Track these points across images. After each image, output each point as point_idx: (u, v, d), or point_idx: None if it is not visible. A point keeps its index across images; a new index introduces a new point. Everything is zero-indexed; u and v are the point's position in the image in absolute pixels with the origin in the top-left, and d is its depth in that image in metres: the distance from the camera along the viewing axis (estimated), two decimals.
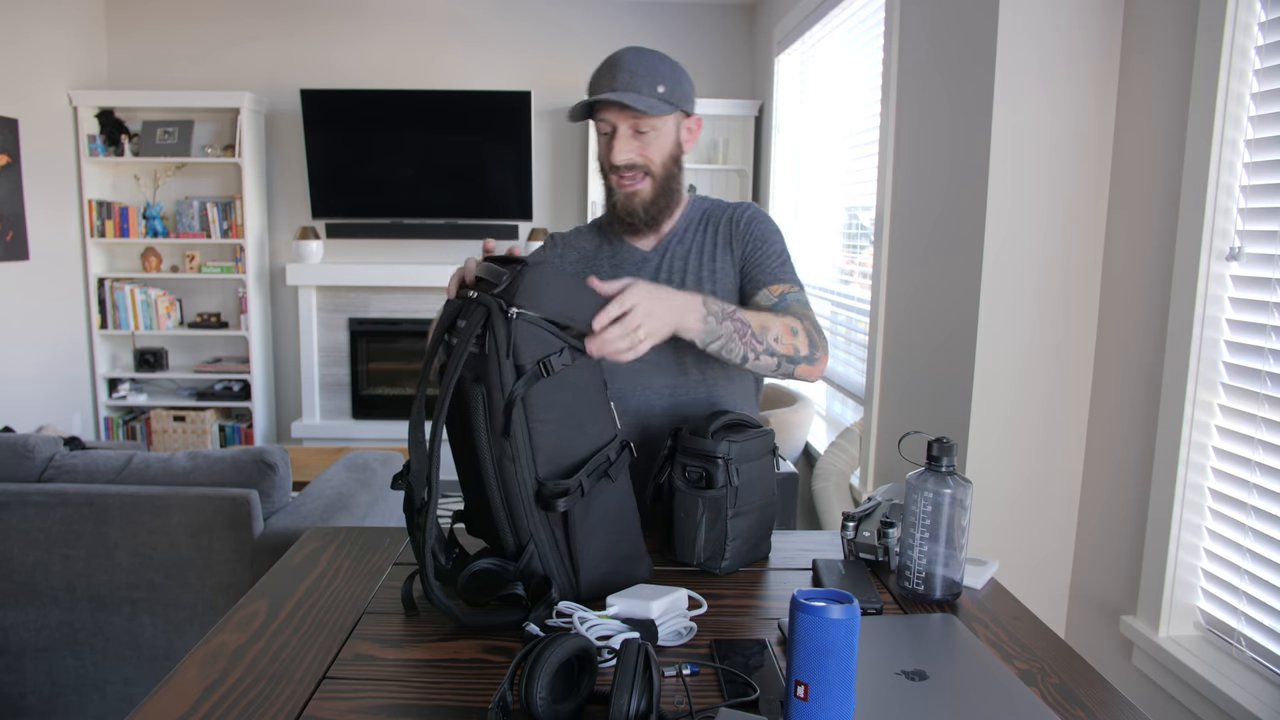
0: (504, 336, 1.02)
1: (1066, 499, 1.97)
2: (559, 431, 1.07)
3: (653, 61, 1.34)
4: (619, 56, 1.35)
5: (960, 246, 2.05)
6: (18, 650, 2.16)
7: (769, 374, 1.34)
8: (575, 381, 1.08)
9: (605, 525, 1.11)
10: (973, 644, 1.00)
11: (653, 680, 0.80)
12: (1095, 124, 1.87)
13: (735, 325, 1.25)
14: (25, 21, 4.27)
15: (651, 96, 1.32)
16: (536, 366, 1.03)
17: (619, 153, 1.35)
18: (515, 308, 1.02)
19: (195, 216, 4.89)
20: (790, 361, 1.32)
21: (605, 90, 1.33)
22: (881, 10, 2.75)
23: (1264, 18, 1.49)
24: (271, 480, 2.17)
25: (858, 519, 1.26)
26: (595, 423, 1.11)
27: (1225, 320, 1.57)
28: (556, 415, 1.06)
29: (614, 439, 1.12)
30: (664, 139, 1.37)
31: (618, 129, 1.35)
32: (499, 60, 5.01)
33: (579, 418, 1.09)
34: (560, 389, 1.06)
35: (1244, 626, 1.53)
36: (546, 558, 1.08)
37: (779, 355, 1.30)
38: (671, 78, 1.35)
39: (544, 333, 1.05)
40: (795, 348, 1.32)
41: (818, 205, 3.89)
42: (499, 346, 1.02)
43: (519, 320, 1.03)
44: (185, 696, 0.90)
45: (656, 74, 1.33)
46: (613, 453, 1.11)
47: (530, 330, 1.04)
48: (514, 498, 1.06)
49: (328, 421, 5.12)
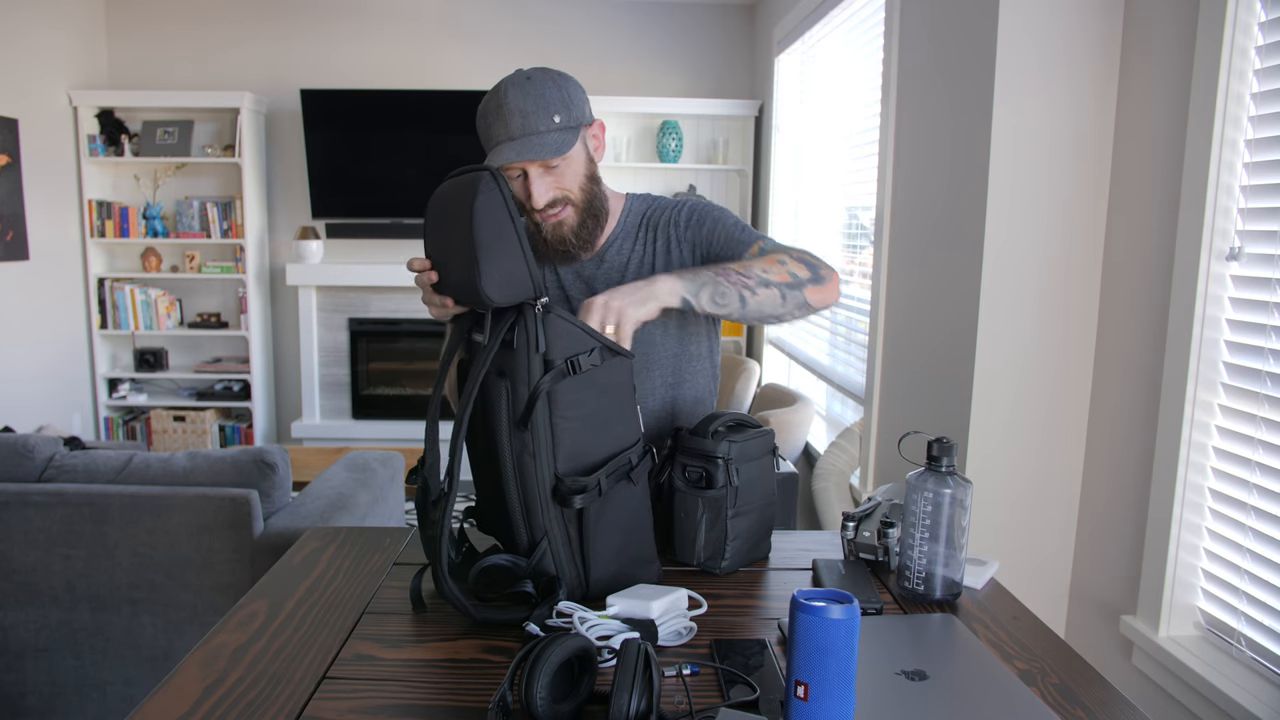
0: (534, 330, 1.03)
1: (1066, 499, 1.97)
2: (583, 429, 1.07)
3: (539, 91, 1.26)
4: (503, 100, 1.26)
5: (960, 247, 2.05)
6: (18, 650, 2.16)
7: (780, 312, 1.27)
8: (604, 382, 1.08)
9: (619, 526, 1.11)
10: (973, 644, 1.00)
11: (653, 680, 0.80)
12: (1095, 124, 1.87)
13: (715, 271, 1.23)
14: (25, 21, 4.27)
15: (551, 132, 1.26)
16: (565, 363, 1.04)
17: (538, 197, 1.30)
18: (543, 300, 1.04)
19: (195, 216, 4.89)
20: (792, 288, 1.26)
21: (501, 140, 1.26)
22: (881, 10, 2.75)
23: (1264, 18, 1.49)
24: (271, 480, 2.17)
25: (858, 519, 1.26)
26: (621, 424, 1.11)
27: (1225, 320, 1.57)
28: (582, 413, 1.07)
29: (637, 442, 1.13)
30: (575, 164, 1.32)
31: (527, 172, 1.29)
32: (499, 60, 5.01)
33: (605, 418, 1.09)
34: (588, 387, 1.07)
35: (1244, 626, 1.53)
36: (559, 554, 1.09)
37: (776, 285, 1.24)
38: (562, 101, 1.28)
39: (576, 330, 1.06)
40: (791, 274, 1.26)
41: (818, 205, 3.88)
42: (529, 340, 1.03)
43: (551, 316, 1.04)
44: (185, 696, 0.90)
45: (547, 105, 1.26)
46: (635, 456, 1.12)
47: (562, 326, 1.05)
48: (531, 493, 1.07)
49: (328, 421, 5.12)
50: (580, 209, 1.35)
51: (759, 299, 1.24)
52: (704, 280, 1.21)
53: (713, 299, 1.21)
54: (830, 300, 1.31)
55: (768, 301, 1.24)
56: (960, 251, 2.06)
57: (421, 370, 5.25)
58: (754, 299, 1.23)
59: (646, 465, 1.14)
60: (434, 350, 5.20)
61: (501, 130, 1.26)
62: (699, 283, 1.21)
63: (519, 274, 1.04)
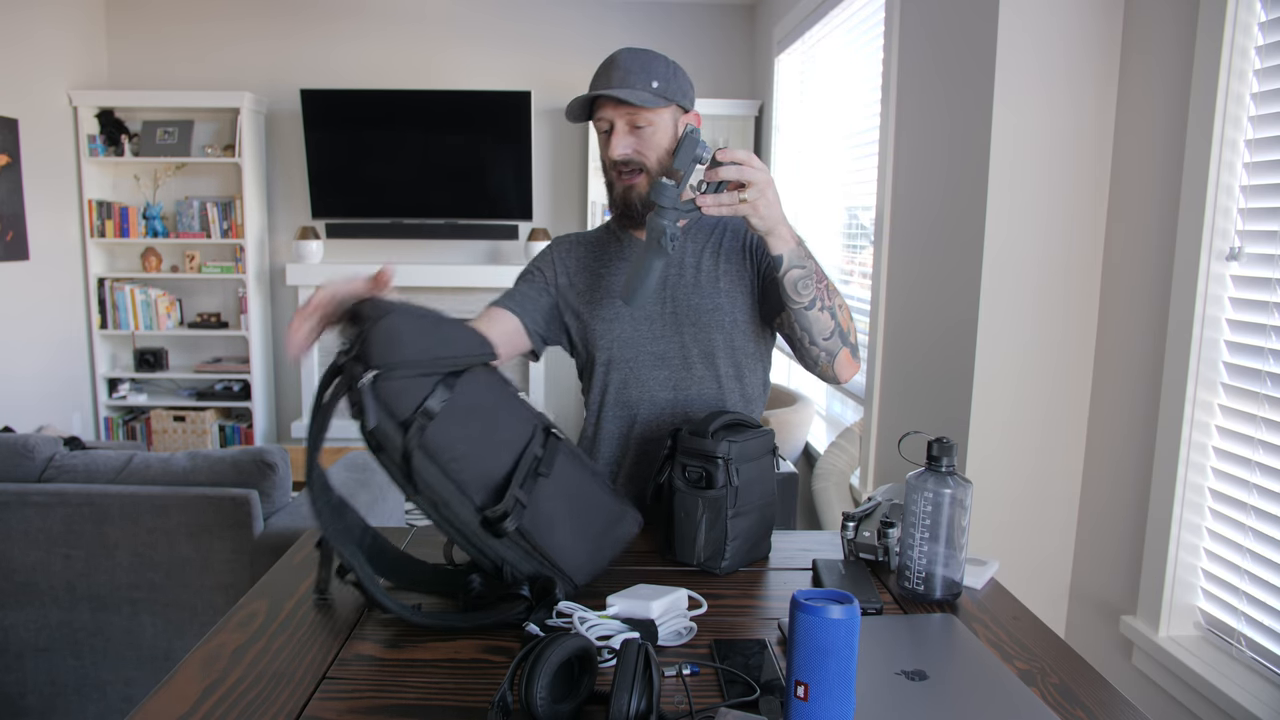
0: (371, 406, 0.99)
1: (1066, 499, 1.97)
2: (475, 457, 1.04)
3: (647, 59, 1.36)
4: (615, 56, 1.37)
5: (960, 246, 2.05)
6: (18, 650, 2.16)
7: (817, 336, 1.32)
8: (467, 404, 1.04)
9: (562, 513, 1.09)
10: (973, 644, 1.00)
11: (653, 680, 0.80)
12: (1095, 124, 1.87)
13: (817, 268, 1.28)
14: (25, 21, 4.27)
15: (645, 91, 1.34)
16: (415, 416, 1.00)
17: (616, 148, 1.37)
18: (373, 369, 0.98)
19: (195, 216, 4.89)
20: (842, 337, 1.33)
21: (601, 88, 1.34)
22: (881, 10, 2.75)
23: (1264, 18, 1.49)
24: (271, 480, 2.17)
25: (858, 519, 1.26)
26: (508, 429, 1.08)
27: (1225, 320, 1.57)
28: (464, 446, 1.03)
29: (534, 434, 1.10)
30: (660, 134, 1.37)
31: (615, 125, 1.37)
32: (499, 60, 5.01)
33: (488, 435, 1.06)
34: (455, 421, 1.03)
35: (1244, 626, 1.53)
36: (524, 568, 1.08)
37: (837, 323, 1.32)
38: (666, 73, 1.37)
39: (410, 381, 1.00)
40: (852, 329, 1.35)
41: (818, 205, 3.88)
42: (368, 417, 0.99)
43: (380, 384, 0.99)
44: (185, 696, 0.90)
45: (651, 70, 1.35)
46: (538, 448, 1.09)
47: (396, 385, 0.99)
48: (468, 534, 1.06)
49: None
50: (653, 178, 1.39)
51: (819, 317, 1.29)
52: (808, 266, 1.25)
53: (796, 282, 1.25)
54: (845, 375, 1.39)
55: (820, 323, 1.30)
56: (960, 251, 2.06)
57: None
58: (816, 312, 1.29)
59: (555, 446, 1.11)
60: None
61: (603, 80, 1.35)
62: (803, 261, 1.25)
63: None
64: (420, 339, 1.02)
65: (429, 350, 1.02)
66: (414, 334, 1.02)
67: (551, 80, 5.01)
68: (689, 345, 1.43)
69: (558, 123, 5.07)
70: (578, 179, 5.12)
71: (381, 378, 0.98)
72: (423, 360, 1.01)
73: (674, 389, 1.44)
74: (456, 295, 5.07)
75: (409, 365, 1.00)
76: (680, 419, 1.44)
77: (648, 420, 1.45)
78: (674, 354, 1.43)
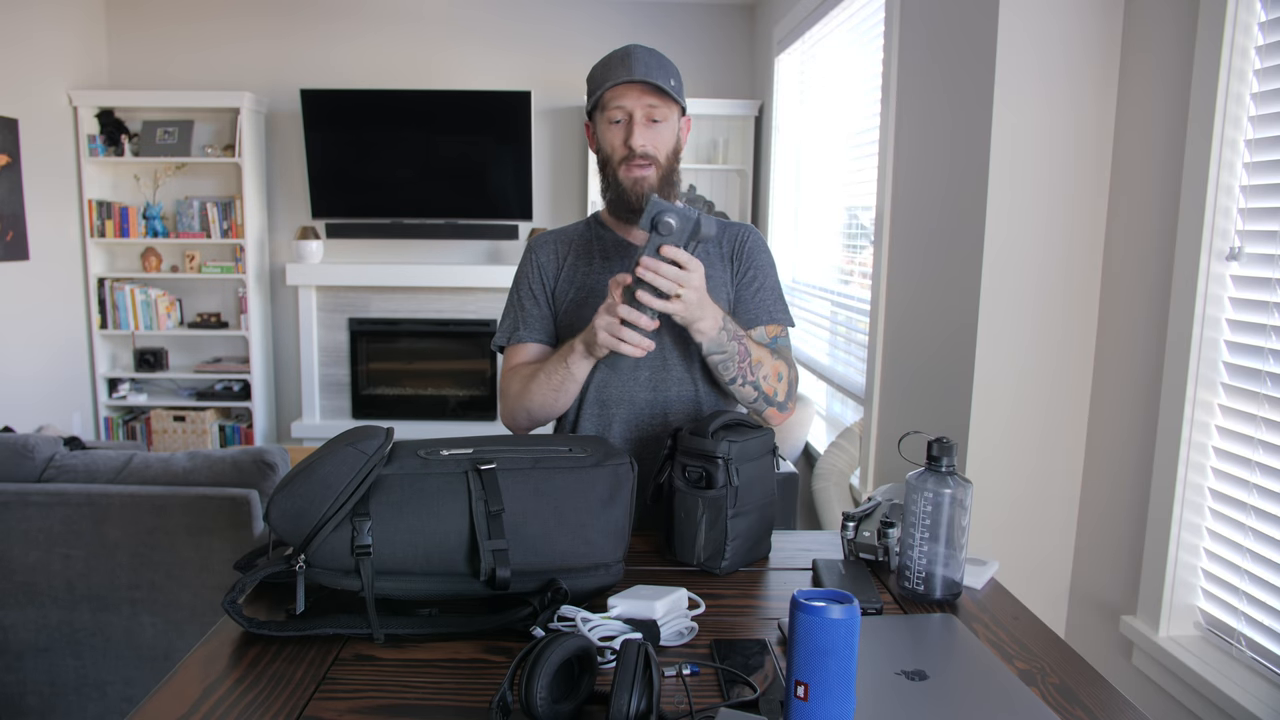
0: (324, 579, 1.03)
1: (1066, 499, 1.97)
2: (424, 544, 1.04)
3: (662, 58, 1.41)
4: (630, 49, 1.40)
5: (960, 246, 2.05)
6: (18, 650, 2.16)
7: (744, 401, 1.43)
8: (388, 512, 1.04)
9: (550, 524, 1.07)
10: (973, 644, 1.00)
11: (653, 680, 0.80)
12: (1095, 124, 1.87)
13: (740, 349, 1.35)
14: (25, 21, 4.26)
15: (667, 82, 1.38)
16: (355, 560, 1.03)
17: (638, 137, 1.38)
18: (299, 557, 1.02)
19: (195, 216, 4.89)
20: (766, 402, 1.43)
21: (622, 77, 1.36)
22: (881, 10, 2.75)
23: (1264, 18, 1.49)
24: (271, 480, 2.17)
25: (858, 519, 1.26)
26: (440, 501, 1.06)
27: (1225, 320, 1.57)
28: (408, 543, 1.04)
29: (468, 485, 1.06)
30: (670, 132, 1.42)
31: (633, 115, 1.39)
32: (499, 60, 5.01)
33: (426, 518, 1.05)
34: (389, 530, 1.04)
35: (1244, 626, 1.53)
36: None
37: (760, 393, 1.41)
38: (677, 75, 1.42)
39: (332, 536, 1.03)
40: (775, 390, 1.43)
41: (817, 205, 3.88)
42: (331, 587, 1.04)
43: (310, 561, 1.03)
44: (185, 696, 0.90)
45: (667, 68, 1.41)
46: (479, 490, 1.06)
47: (324, 550, 1.03)
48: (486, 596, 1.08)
49: (328, 421, 5.12)
50: (662, 175, 1.42)
51: (741, 390, 1.40)
52: (728, 350, 1.34)
53: (717, 365, 1.36)
54: (773, 424, 1.47)
55: (743, 395, 1.41)
56: (960, 251, 2.06)
57: (421, 370, 5.25)
58: (738, 387, 1.40)
59: (492, 477, 1.07)
60: (434, 350, 5.21)
61: (624, 70, 1.37)
62: (723, 348, 1.34)
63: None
64: (309, 502, 1.02)
65: (324, 500, 1.02)
66: (304, 498, 1.02)
67: (551, 80, 5.00)
68: (668, 347, 1.46)
69: (558, 123, 5.07)
70: (578, 179, 5.12)
71: (308, 556, 1.02)
72: (326, 513, 1.01)
73: (653, 389, 1.47)
74: (456, 295, 5.07)
75: (320, 527, 1.01)
76: (658, 419, 1.47)
77: (625, 420, 1.47)
78: (653, 355, 1.44)
